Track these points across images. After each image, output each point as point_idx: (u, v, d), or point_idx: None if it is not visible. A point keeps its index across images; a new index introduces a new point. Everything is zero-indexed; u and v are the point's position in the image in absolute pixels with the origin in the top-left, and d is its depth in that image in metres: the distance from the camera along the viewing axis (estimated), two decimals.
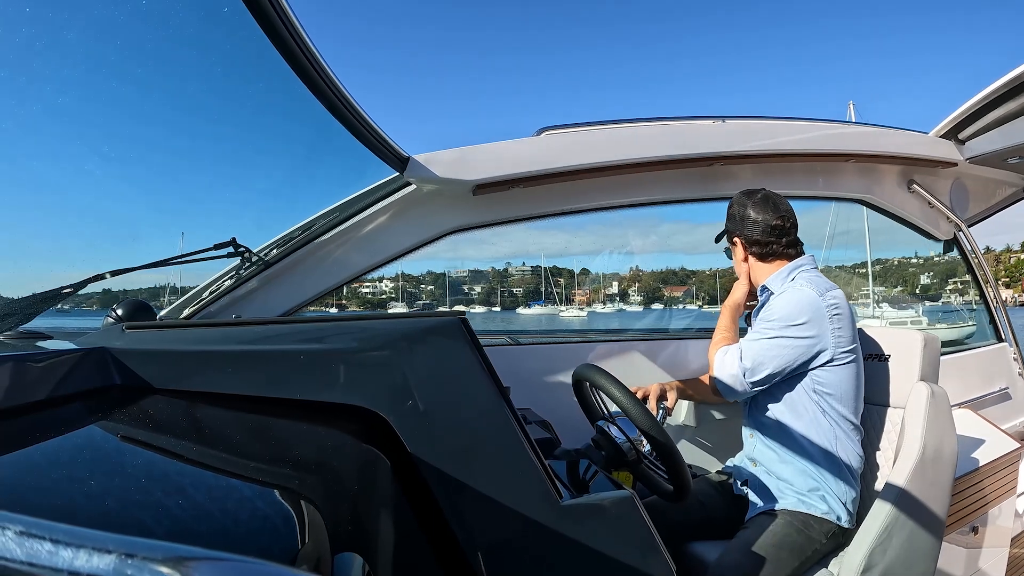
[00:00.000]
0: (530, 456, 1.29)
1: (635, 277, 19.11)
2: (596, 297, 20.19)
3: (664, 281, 15.62)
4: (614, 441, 2.24)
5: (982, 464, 3.20)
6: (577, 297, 18.04)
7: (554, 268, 15.54)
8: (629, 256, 5.83)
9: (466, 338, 1.30)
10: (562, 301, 16.34)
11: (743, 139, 3.66)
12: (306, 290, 3.29)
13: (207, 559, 0.43)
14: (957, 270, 22.60)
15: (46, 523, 0.43)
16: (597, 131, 3.46)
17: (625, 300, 20.06)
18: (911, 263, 16.92)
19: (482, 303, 15.12)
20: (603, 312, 19.20)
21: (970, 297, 5.20)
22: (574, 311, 17.00)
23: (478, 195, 3.31)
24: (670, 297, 15.63)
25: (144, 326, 1.60)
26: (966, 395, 4.26)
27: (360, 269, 3.36)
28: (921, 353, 2.76)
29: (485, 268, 15.45)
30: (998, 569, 3.36)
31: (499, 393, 1.30)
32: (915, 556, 2.53)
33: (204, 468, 1.01)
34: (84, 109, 2.79)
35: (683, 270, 17.95)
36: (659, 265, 16.52)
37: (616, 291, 20.65)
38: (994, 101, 3.72)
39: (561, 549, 1.28)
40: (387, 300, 7.47)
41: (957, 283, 24.71)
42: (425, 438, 1.22)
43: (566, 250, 4.07)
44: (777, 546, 2.52)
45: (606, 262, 8.34)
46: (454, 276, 14.09)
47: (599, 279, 19.98)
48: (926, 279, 17.12)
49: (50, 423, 1.09)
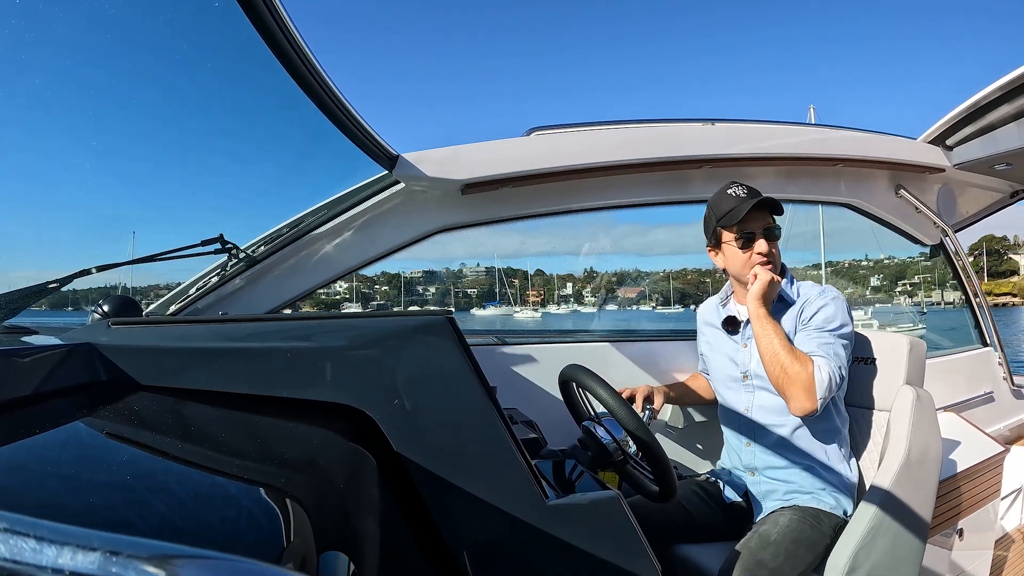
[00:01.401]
0: (516, 456, 1.29)
1: (589, 278, 19.23)
2: (550, 298, 20.36)
3: (619, 282, 15.69)
4: (600, 441, 2.24)
5: (967, 467, 3.22)
6: (531, 298, 18.12)
7: (508, 269, 15.59)
8: (583, 258, 5.84)
9: (453, 337, 1.30)
10: (516, 302, 16.44)
11: (732, 142, 3.67)
12: (293, 287, 3.28)
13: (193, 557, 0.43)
14: (907, 272, 22.70)
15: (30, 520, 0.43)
16: (586, 132, 3.46)
17: (580, 301, 20.22)
18: (861, 265, 17.12)
19: (437, 304, 15.15)
20: (557, 313, 19.33)
21: (919, 299, 5.26)
22: (528, 312, 17.12)
23: (467, 194, 3.30)
24: (624, 298, 15.72)
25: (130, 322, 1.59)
26: (951, 399, 4.29)
27: (347, 267, 3.35)
28: (907, 357, 2.78)
29: (439, 269, 15.48)
30: (982, 571, 3.38)
31: (486, 393, 1.30)
32: (900, 558, 2.54)
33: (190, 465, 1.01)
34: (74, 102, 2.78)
35: (637, 271, 18.08)
36: (613, 267, 16.56)
37: (571, 292, 20.79)
38: (982, 108, 3.75)
39: (547, 549, 1.28)
40: (341, 301, 7.41)
41: (907, 285, 25.03)
42: (411, 437, 1.22)
43: (520, 251, 4.03)
44: (795, 542, 2.53)
45: (560, 264, 8.41)
46: (408, 277, 14.10)
47: (553, 280, 20.13)
48: (876, 281, 17.37)
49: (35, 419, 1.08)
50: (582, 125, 3.48)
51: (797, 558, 2.49)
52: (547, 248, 4.07)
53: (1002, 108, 3.63)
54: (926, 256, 5.21)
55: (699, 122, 3.65)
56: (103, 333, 1.47)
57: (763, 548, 2.49)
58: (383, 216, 3.34)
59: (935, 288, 25.37)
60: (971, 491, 3.24)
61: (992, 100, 3.63)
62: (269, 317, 2.41)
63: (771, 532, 2.55)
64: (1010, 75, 3.37)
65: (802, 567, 2.50)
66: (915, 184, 4.49)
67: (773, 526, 2.59)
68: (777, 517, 2.64)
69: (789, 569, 2.46)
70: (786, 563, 2.46)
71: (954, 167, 4.33)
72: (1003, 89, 3.49)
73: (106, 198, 3.27)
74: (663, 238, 3.96)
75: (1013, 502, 4.35)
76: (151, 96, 3.00)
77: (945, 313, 11.48)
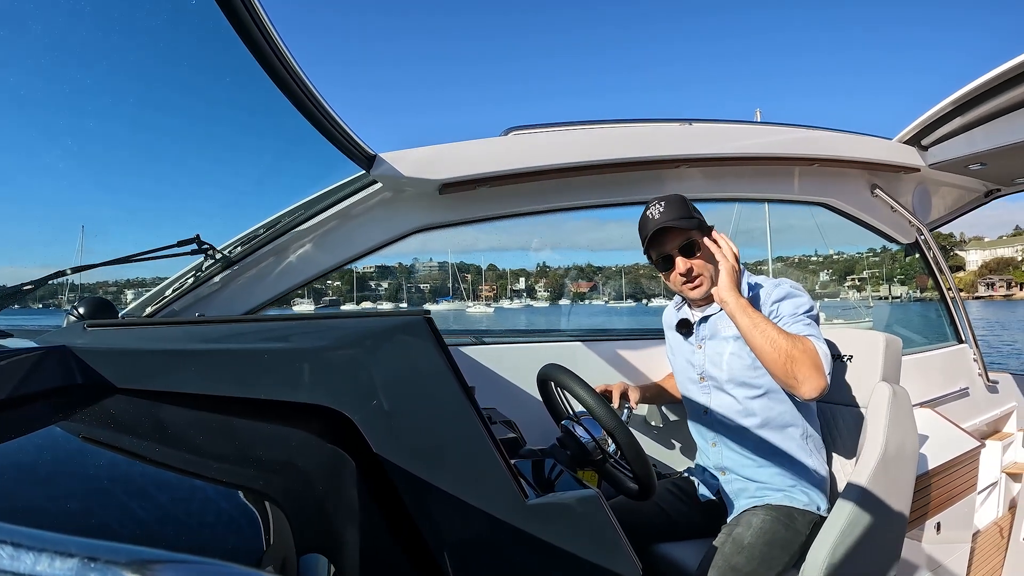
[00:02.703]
0: (495, 456, 1.29)
1: (542, 273, 19.35)
2: (503, 293, 20.45)
3: (571, 277, 15.82)
4: (579, 440, 2.25)
5: (943, 462, 3.26)
6: (484, 293, 18.23)
7: (461, 264, 15.67)
8: (537, 253, 5.87)
9: (431, 337, 1.30)
10: (469, 297, 16.52)
11: (708, 142, 3.68)
12: (270, 288, 3.26)
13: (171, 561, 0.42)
14: (855, 268, 23.04)
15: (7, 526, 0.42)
16: (564, 132, 3.46)
17: (533, 296, 20.33)
18: (811, 261, 17.33)
19: (389, 299, 15.20)
20: (510, 308, 19.45)
21: (867, 293, 5.30)
22: (481, 307, 17.21)
23: (444, 194, 3.30)
24: (577, 293, 15.84)
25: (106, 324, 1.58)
26: (927, 395, 4.33)
27: (325, 267, 3.33)
28: (883, 353, 2.80)
29: (392, 264, 15.51)
30: (959, 564, 3.42)
31: (464, 392, 1.29)
32: (878, 553, 2.57)
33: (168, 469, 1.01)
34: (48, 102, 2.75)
35: (590, 266, 18.24)
36: (567, 262, 16.69)
37: (523, 287, 20.89)
38: (957, 109, 3.78)
39: (527, 548, 1.28)
40: (293, 297, 7.43)
41: (855, 280, 25.41)
42: (390, 438, 1.22)
43: (473, 246, 4.01)
44: (769, 544, 2.53)
45: (514, 259, 8.44)
46: (361, 272, 14.09)
47: (507, 275, 20.24)
48: (825, 276, 17.63)
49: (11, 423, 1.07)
50: (560, 125, 3.48)
51: (772, 559, 2.50)
52: (500, 243, 4.06)
53: (977, 109, 3.67)
54: (873, 252, 5.29)
55: (676, 122, 3.66)
56: (79, 336, 1.46)
57: (737, 552, 2.49)
58: (360, 216, 3.32)
59: (883, 283, 25.91)
60: (948, 486, 3.28)
61: (967, 101, 3.67)
62: (246, 318, 2.40)
63: (744, 535, 2.56)
64: (985, 76, 3.41)
65: (778, 567, 2.51)
66: (890, 184, 4.53)
67: (746, 528, 2.59)
68: (750, 518, 2.64)
69: (764, 571, 2.47)
70: (761, 566, 2.47)
71: (929, 167, 4.36)
72: (979, 90, 3.52)
73: (81, 198, 3.25)
74: (617, 234, 3.96)
75: (989, 496, 4.41)
76: (126, 97, 2.97)
77: (893, 307, 11.71)
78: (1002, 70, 3.31)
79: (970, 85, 3.54)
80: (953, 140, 4.13)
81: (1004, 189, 5.09)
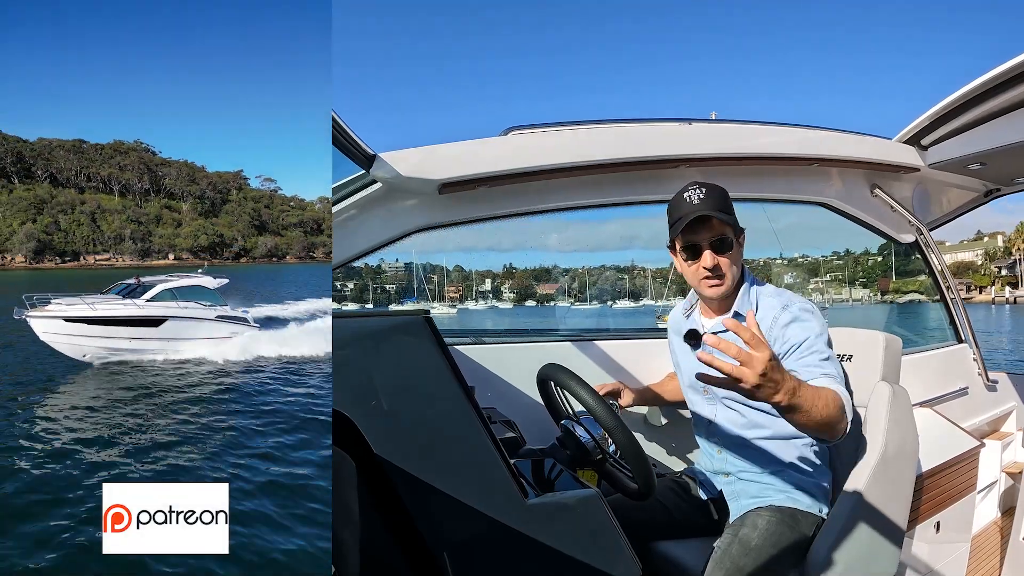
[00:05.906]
0: (495, 455, 1.28)
1: (508, 274, 19.39)
2: (469, 294, 20.50)
3: (536, 278, 15.83)
4: (579, 440, 2.25)
5: (943, 462, 3.26)
6: (450, 294, 18.26)
7: (427, 265, 15.74)
8: (503, 254, 5.86)
9: (431, 337, 1.29)
10: (435, 298, 16.56)
11: (708, 142, 3.67)
12: None
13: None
14: (819, 270, 22.91)
15: None
16: (564, 132, 3.44)
17: (498, 297, 20.38)
18: (775, 263, 17.40)
19: (354, 300, 15.25)
20: (475, 309, 19.49)
21: (830, 295, 5.27)
22: (444, 308, 17.26)
23: (444, 194, 3.28)
24: (543, 294, 15.86)
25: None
26: (927, 394, 4.31)
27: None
28: (882, 353, 2.80)
29: (358, 264, 15.57)
30: (959, 563, 3.42)
31: (464, 393, 1.29)
32: (878, 552, 2.56)
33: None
34: None
35: (556, 268, 18.30)
36: (533, 263, 16.73)
37: (489, 288, 20.92)
38: (956, 109, 3.77)
39: (527, 547, 1.28)
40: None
41: (819, 282, 25.64)
42: (390, 438, 1.22)
43: (440, 247, 3.99)
44: (775, 546, 2.52)
45: (480, 259, 8.45)
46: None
47: (472, 276, 20.30)
48: (789, 279, 17.73)
49: None
50: (559, 125, 3.47)
51: (779, 561, 2.49)
52: (466, 244, 4.04)
53: (977, 109, 3.66)
54: (838, 255, 5.27)
55: (676, 122, 3.64)
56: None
57: (745, 554, 2.47)
58: (360, 216, 3.31)
59: (845, 286, 26.23)
60: (947, 485, 3.27)
61: (967, 101, 3.65)
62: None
63: (751, 537, 2.53)
64: (985, 76, 3.40)
65: (784, 569, 2.50)
66: (890, 183, 4.51)
67: (752, 529, 2.57)
68: (755, 519, 2.62)
69: (771, 573, 2.47)
70: (768, 568, 2.46)
71: (929, 167, 4.35)
72: (978, 90, 3.51)
73: None
74: (581, 235, 3.95)
75: (988, 495, 4.41)
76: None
77: (853, 310, 11.76)
78: (1002, 70, 3.30)
79: (970, 85, 3.52)
80: (953, 140, 4.12)
81: (1004, 189, 5.07)
